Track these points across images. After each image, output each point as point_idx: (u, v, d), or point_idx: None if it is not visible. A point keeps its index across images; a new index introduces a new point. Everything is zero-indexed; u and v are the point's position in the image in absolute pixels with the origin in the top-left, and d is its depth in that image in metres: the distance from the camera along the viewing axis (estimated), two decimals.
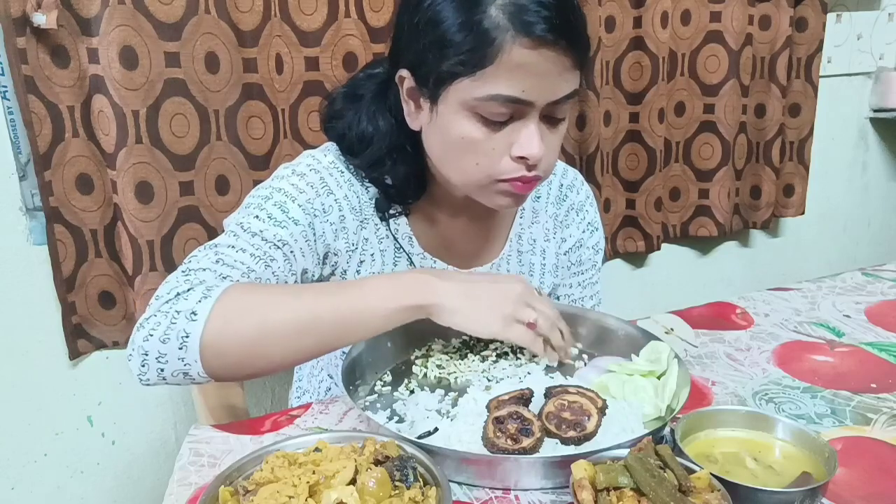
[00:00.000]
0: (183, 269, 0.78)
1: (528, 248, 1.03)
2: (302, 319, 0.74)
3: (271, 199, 0.86)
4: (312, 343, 0.75)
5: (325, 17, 1.42)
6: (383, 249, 0.94)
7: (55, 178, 1.29)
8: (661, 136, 1.89)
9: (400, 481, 0.59)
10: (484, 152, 0.80)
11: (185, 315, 0.72)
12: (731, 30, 1.88)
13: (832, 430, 0.75)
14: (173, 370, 0.73)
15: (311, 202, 0.87)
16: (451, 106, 0.79)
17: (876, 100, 2.33)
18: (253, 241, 0.82)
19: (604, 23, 1.74)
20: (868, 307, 1.07)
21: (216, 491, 0.57)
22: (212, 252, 0.80)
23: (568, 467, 0.59)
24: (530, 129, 0.78)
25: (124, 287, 1.41)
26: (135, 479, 1.54)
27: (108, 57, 1.24)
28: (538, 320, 0.78)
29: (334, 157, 0.91)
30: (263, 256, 0.81)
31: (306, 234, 0.86)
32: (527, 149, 0.79)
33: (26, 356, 1.37)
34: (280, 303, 0.75)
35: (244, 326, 0.72)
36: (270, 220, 0.84)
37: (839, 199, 2.42)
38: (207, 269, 0.78)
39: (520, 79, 0.75)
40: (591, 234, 1.07)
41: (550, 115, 0.81)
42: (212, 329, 0.71)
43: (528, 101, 0.77)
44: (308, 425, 0.77)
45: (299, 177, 0.88)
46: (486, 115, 0.78)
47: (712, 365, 0.90)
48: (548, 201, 1.04)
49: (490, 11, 0.73)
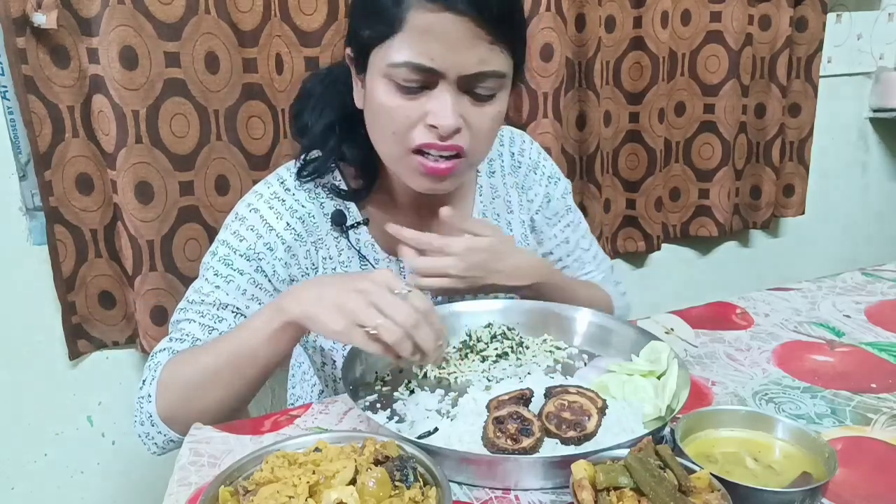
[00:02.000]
0: (150, 354, 0.88)
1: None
2: (210, 368, 0.80)
3: (217, 254, 0.91)
4: (229, 385, 0.81)
5: (325, 17, 1.42)
6: (346, 262, 0.95)
7: (55, 178, 1.29)
8: (661, 136, 1.89)
9: (400, 481, 0.59)
10: (399, 120, 0.81)
11: (145, 399, 0.84)
12: (731, 30, 1.88)
13: (832, 430, 0.75)
14: (160, 441, 0.84)
15: (253, 247, 0.90)
16: (372, 75, 0.82)
17: (876, 100, 2.33)
18: (201, 309, 0.89)
19: (604, 23, 1.74)
20: (868, 307, 1.07)
21: (216, 491, 0.57)
22: (173, 329, 0.90)
23: (568, 467, 0.59)
24: (443, 99, 0.79)
25: (124, 287, 1.41)
26: (135, 479, 1.54)
27: (108, 57, 1.24)
28: (379, 329, 0.69)
29: (278, 186, 0.93)
30: (210, 322, 0.88)
31: (255, 280, 0.90)
32: (439, 118, 0.79)
33: (26, 356, 1.37)
34: (195, 362, 0.82)
35: (176, 393, 0.82)
36: (217, 277, 0.89)
37: (839, 199, 2.42)
38: (165, 350, 0.87)
39: (426, 46, 0.77)
40: (555, 184, 1.09)
41: (473, 91, 0.81)
42: (160, 403, 0.82)
43: (437, 71, 0.78)
44: (308, 425, 0.77)
45: (240, 222, 0.91)
46: (400, 82, 0.79)
47: (712, 365, 0.90)
48: (503, 173, 1.05)
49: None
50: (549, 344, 0.91)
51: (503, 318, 0.95)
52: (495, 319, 0.94)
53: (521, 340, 0.90)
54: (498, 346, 0.89)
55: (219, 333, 0.88)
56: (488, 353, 0.88)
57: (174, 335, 0.89)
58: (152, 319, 1.39)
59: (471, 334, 0.91)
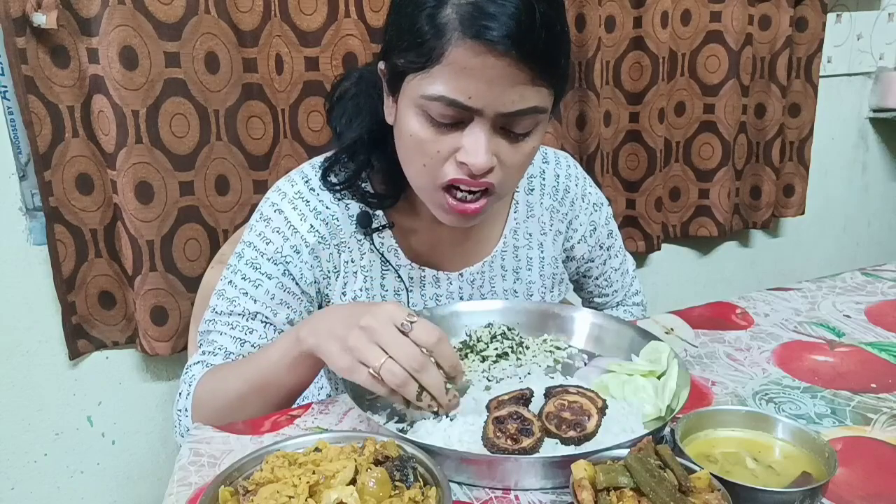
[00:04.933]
0: (186, 367, 0.91)
1: (524, 243, 1.02)
2: (240, 393, 0.82)
3: (243, 257, 0.90)
4: (259, 406, 0.82)
5: (325, 17, 1.42)
6: (368, 266, 0.93)
7: (55, 178, 1.29)
8: (661, 136, 1.89)
9: (400, 481, 0.59)
10: (429, 154, 0.78)
11: (182, 413, 0.87)
12: (731, 30, 1.88)
13: (832, 430, 0.75)
14: None
15: (280, 250, 0.89)
16: (405, 102, 0.78)
17: (876, 100, 2.33)
18: (230, 321, 0.89)
19: (604, 23, 1.74)
20: (868, 307, 1.07)
21: (216, 491, 0.57)
22: (203, 339, 0.91)
23: (568, 467, 0.59)
24: (476, 137, 0.75)
25: (124, 287, 1.41)
26: (135, 479, 1.54)
27: (108, 57, 1.24)
28: (381, 372, 0.67)
29: (302, 185, 0.91)
30: (241, 334, 0.89)
31: (282, 284, 0.90)
32: (470, 156, 0.75)
33: (26, 356, 1.37)
34: (225, 383, 0.84)
35: (209, 412, 0.84)
36: (245, 281, 0.89)
37: (839, 199, 2.42)
38: (199, 363, 0.89)
39: (465, 83, 0.72)
40: (599, 210, 1.07)
41: (509, 129, 0.77)
42: (195, 419, 0.84)
43: (474, 108, 0.74)
44: (308, 425, 0.77)
45: (265, 223, 0.90)
46: (434, 115, 0.76)
47: (712, 365, 0.90)
48: (542, 193, 1.02)
49: (446, 10, 0.72)
50: (549, 344, 0.91)
51: (503, 318, 0.95)
52: (495, 319, 0.94)
53: (521, 340, 0.90)
54: (498, 346, 0.89)
55: (251, 346, 0.89)
56: (488, 353, 0.88)
57: (206, 348, 0.90)
58: (152, 319, 1.39)
59: (471, 334, 0.91)
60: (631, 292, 1.17)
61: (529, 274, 1.02)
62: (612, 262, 1.12)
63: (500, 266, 1.00)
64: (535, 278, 1.03)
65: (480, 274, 0.99)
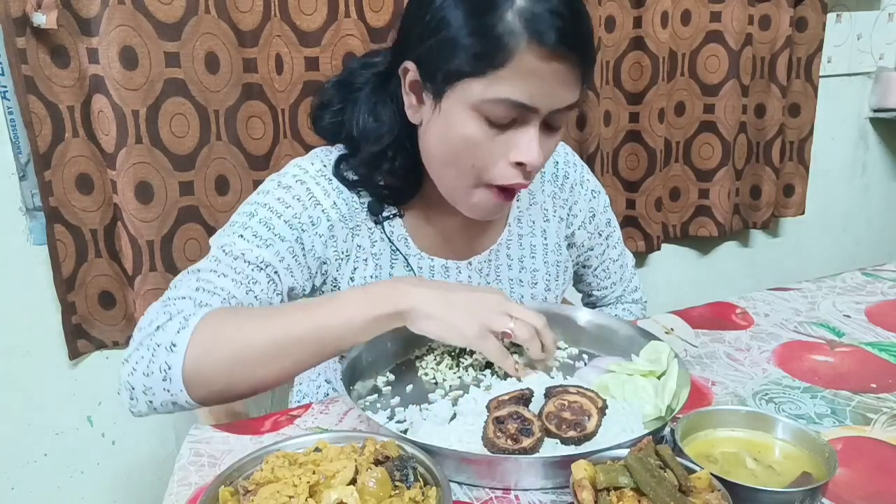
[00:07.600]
0: (163, 299, 0.79)
1: (528, 231, 1.03)
2: (278, 342, 0.74)
3: (256, 215, 0.85)
4: (290, 363, 0.76)
5: (325, 17, 1.42)
6: (378, 253, 0.93)
7: (55, 178, 1.29)
8: (661, 136, 1.89)
9: (400, 481, 0.59)
10: (482, 154, 0.80)
11: (164, 347, 0.73)
12: (731, 30, 1.88)
13: (832, 430, 0.75)
14: (161, 401, 0.75)
15: (298, 216, 0.86)
16: (455, 104, 0.79)
17: (876, 100, 2.33)
18: (235, 265, 0.82)
19: (604, 23, 1.74)
20: (868, 307, 1.07)
21: (216, 491, 0.57)
22: (193, 278, 0.81)
23: (568, 467, 0.59)
24: (531, 135, 0.78)
25: (124, 287, 1.41)
26: (135, 479, 1.54)
27: (108, 57, 1.24)
28: (514, 330, 0.76)
29: (322, 165, 0.91)
30: (245, 281, 0.82)
31: (293, 251, 0.86)
32: (526, 155, 0.79)
33: (26, 356, 1.38)
34: (255, 327, 0.75)
35: (222, 354, 0.73)
36: (256, 238, 0.83)
37: (839, 199, 2.42)
38: (187, 298, 0.78)
39: (528, 85, 0.75)
40: (597, 197, 1.08)
41: (549, 123, 0.81)
42: (191, 359, 0.72)
43: (534, 108, 0.77)
44: (308, 425, 0.77)
45: (285, 189, 0.87)
46: (491, 117, 0.77)
47: (712, 365, 0.90)
48: (543, 180, 1.04)
49: (507, 17, 0.73)
50: None
51: None
52: None
53: None
54: None
55: (255, 297, 0.82)
56: None
57: (200, 285, 0.79)
58: None
59: None
60: (630, 288, 1.18)
61: (534, 262, 1.03)
62: (610, 252, 1.12)
63: (506, 255, 1.01)
64: (539, 266, 1.03)
65: (487, 262, 0.99)
